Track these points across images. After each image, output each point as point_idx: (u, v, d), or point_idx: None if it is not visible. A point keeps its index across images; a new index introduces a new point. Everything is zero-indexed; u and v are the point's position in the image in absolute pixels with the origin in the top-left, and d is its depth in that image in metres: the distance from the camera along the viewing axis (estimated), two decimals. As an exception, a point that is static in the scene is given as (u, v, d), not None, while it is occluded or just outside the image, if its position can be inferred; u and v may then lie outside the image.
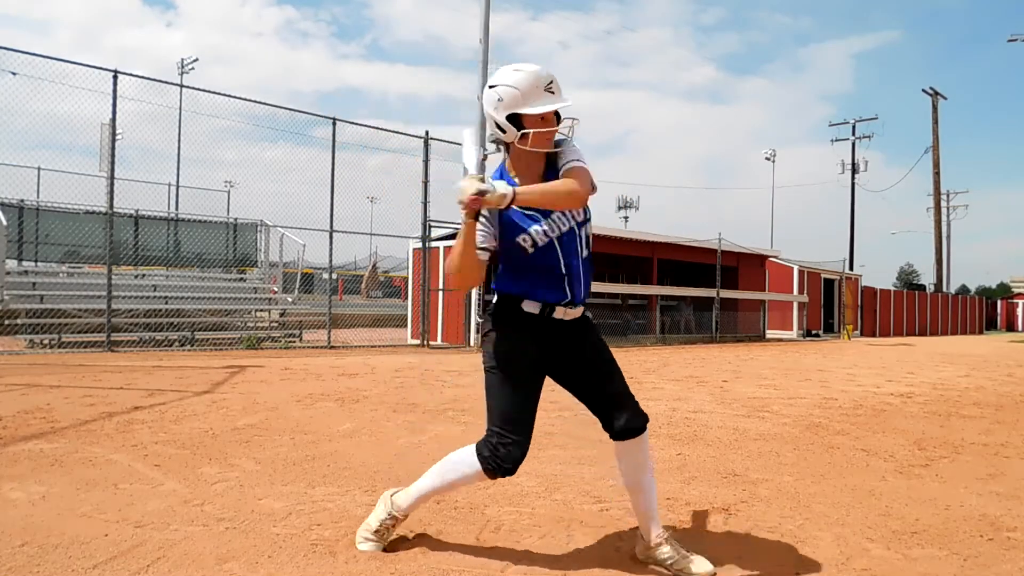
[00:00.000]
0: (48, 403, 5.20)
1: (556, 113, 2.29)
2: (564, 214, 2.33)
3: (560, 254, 2.33)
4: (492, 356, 2.36)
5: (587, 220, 2.41)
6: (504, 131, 2.27)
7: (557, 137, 2.34)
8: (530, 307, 2.34)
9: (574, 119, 2.34)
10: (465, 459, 2.40)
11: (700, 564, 2.37)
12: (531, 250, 2.31)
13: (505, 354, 2.34)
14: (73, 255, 13.36)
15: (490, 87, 2.28)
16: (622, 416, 2.40)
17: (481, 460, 2.35)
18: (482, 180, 2.16)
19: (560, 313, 2.36)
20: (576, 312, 2.40)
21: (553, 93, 2.27)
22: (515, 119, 2.25)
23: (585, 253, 2.40)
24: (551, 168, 2.34)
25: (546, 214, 2.31)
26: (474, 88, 13.36)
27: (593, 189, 2.30)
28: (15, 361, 8.41)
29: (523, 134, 2.25)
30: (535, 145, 2.26)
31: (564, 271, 2.34)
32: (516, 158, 2.34)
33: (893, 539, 2.72)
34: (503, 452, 2.31)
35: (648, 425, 2.44)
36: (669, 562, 2.38)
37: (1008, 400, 7.21)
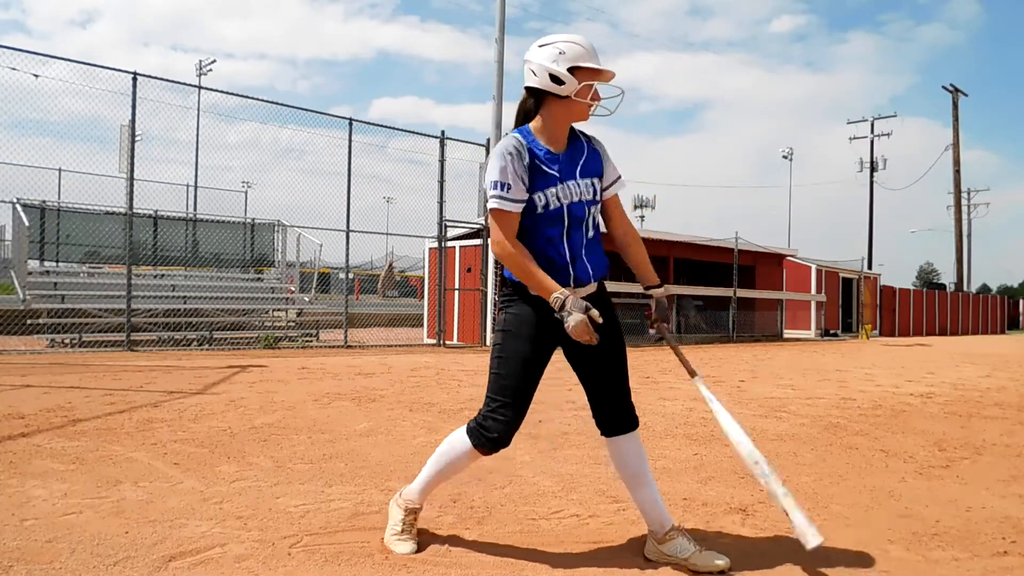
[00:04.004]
0: (69, 401, 5.26)
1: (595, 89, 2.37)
2: (577, 187, 2.37)
3: (566, 231, 2.36)
4: (500, 329, 2.40)
5: (596, 201, 2.43)
6: (562, 83, 2.29)
7: (604, 107, 2.39)
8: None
9: (622, 91, 2.40)
10: (458, 440, 2.44)
11: (715, 556, 2.36)
12: (546, 210, 2.33)
13: (512, 332, 2.37)
14: (93, 255, 13.51)
15: (543, 45, 2.33)
16: (617, 411, 2.44)
17: (469, 434, 2.38)
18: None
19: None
20: (583, 291, 2.39)
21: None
22: (572, 75, 2.30)
23: (591, 234, 2.43)
24: (575, 138, 2.43)
25: (560, 180, 2.35)
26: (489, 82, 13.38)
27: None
28: (37, 360, 8.52)
29: (584, 85, 2.30)
30: (593, 99, 2.33)
31: (568, 252, 2.36)
32: (548, 120, 2.37)
33: (913, 541, 2.70)
34: (490, 424, 2.34)
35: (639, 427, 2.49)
36: (684, 555, 2.36)
37: (1031, 401, 7.11)
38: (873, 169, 39.78)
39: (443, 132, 13.55)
